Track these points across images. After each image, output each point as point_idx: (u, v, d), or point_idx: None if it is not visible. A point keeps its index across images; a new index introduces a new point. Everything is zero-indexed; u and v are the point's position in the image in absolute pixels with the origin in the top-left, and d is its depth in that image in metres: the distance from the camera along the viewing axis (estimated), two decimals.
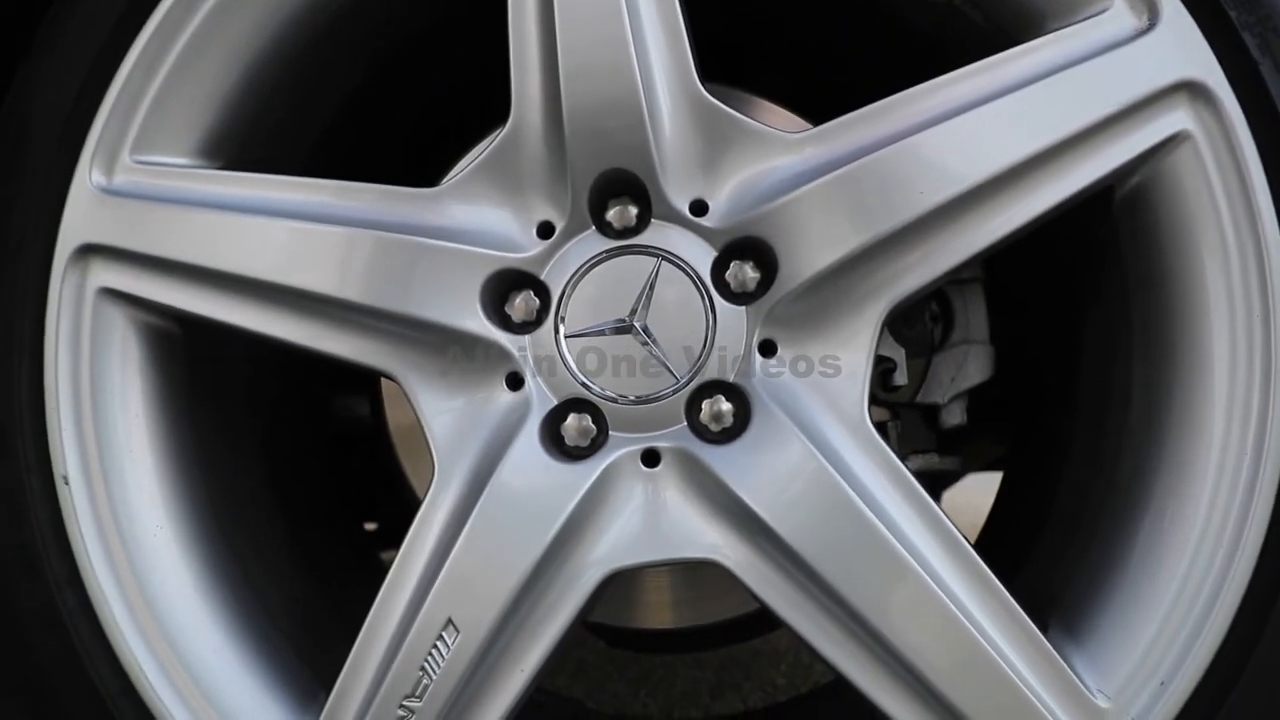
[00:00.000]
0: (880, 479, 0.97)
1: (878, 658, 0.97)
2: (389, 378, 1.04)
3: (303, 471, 1.43)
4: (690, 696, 2.10)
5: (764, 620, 1.29)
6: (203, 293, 1.04)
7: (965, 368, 1.17)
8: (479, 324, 1.01)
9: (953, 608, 0.95)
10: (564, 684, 2.13)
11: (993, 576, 0.96)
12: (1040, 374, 1.27)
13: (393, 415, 1.43)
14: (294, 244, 1.01)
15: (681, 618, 1.35)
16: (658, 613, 1.41)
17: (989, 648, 0.95)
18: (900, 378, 1.14)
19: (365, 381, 1.52)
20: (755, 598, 1.00)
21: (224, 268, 1.02)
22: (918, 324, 1.19)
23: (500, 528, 0.98)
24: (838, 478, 0.95)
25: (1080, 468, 1.13)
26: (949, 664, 0.95)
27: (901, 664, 0.96)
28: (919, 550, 0.96)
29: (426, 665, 0.98)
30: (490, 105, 1.07)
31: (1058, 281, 1.20)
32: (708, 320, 1.00)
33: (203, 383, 1.16)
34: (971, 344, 1.17)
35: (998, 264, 1.18)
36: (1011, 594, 0.96)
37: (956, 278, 1.17)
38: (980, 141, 0.95)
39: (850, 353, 0.99)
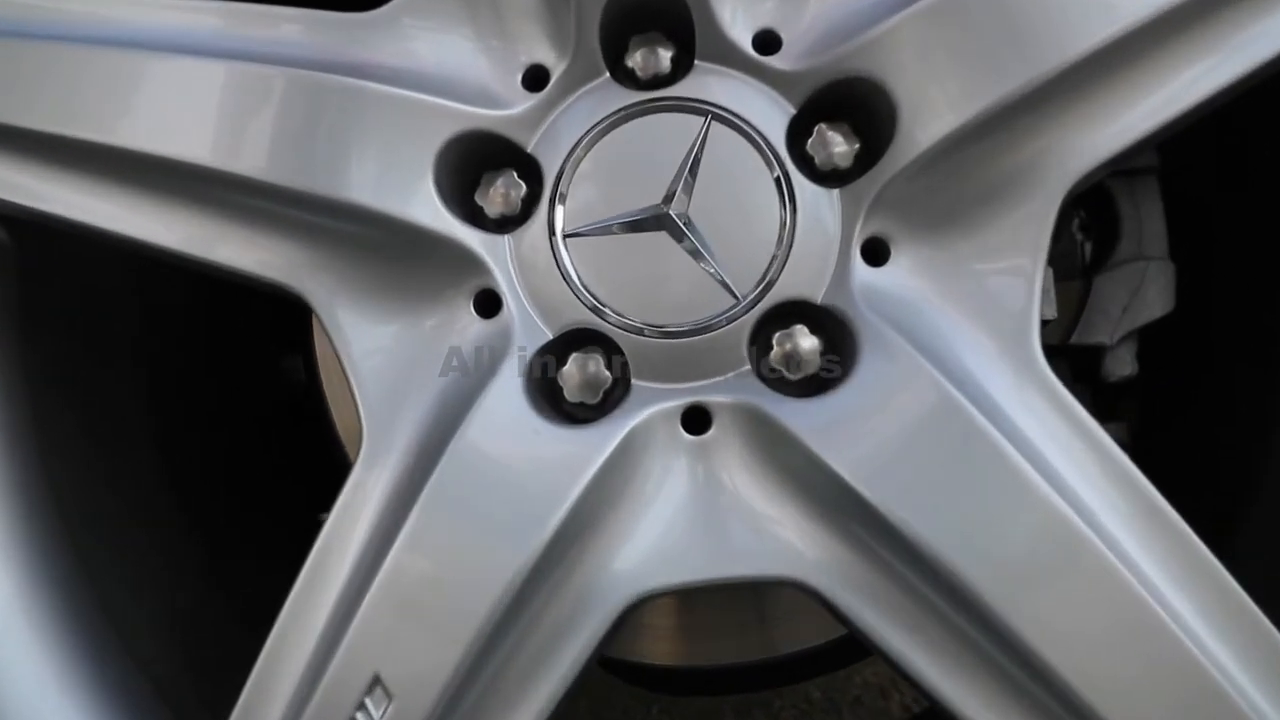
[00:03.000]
0: (1067, 446, 0.61)
1: None
2: (297, 297, 0.70)
3: (216, 444, 1.09)
4: (711, 715, 1.85)
5: (853, 649, 0.94)
6: (33, 174, 0.71)
7: (1142, 293, 0.81)
8: (432, 214, 0.66)
9: (1194, 650, 0.59)
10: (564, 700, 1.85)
11: (1246, 597, 0.60)
12: (1223, 303, 0.93)
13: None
14: (167, 91, 0.68)
15: (741, 649, 0.97)
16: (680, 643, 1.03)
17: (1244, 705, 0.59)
18: (1048, 310, 0.78)
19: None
20: (857, 632, 0.65)
21: (63, 131, 0.69)
22: (1063, 236, 0.84)
23: (460, 529, 0.63)
24: (1006, 444, 0.59)
25: None
26: None
27: None
28: (1128, 554, 0.60)
29: None
30: None
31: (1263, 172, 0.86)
32: (783, 210, 0.65)
33: (50, 313, 0.83)
34: (1149, 260, 0.82)
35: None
36: None
37: (1125, 166, 0.82)
38: None
39: (1011, 255, 0.64)
